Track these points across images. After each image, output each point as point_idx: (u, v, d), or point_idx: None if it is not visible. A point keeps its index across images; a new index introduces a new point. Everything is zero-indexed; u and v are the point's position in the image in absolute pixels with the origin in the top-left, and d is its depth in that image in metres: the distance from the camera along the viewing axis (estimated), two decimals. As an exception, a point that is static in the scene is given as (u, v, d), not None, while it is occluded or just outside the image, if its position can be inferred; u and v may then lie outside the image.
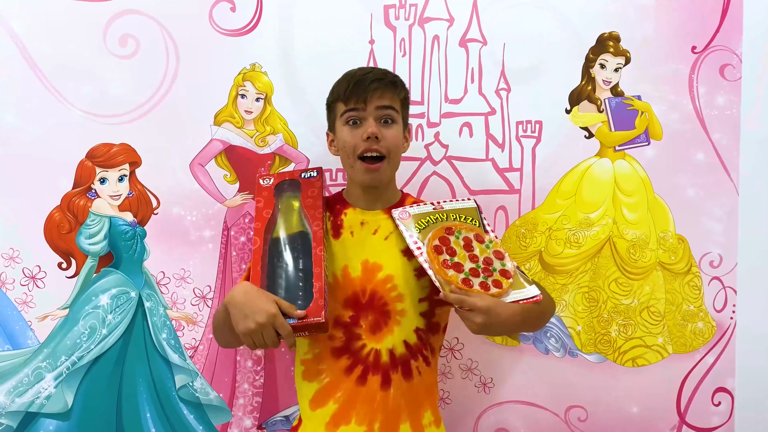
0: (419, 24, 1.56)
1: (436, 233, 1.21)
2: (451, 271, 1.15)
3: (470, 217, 1.26)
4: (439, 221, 1.24)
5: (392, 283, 1.23)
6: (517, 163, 1.59)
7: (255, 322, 1.04)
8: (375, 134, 1.21)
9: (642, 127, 1.59)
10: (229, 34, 1.54)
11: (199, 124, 1.54)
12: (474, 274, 1.16)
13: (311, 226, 1.22)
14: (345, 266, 1.24)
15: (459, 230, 1.22)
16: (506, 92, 1.57)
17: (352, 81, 1.23)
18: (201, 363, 1.57)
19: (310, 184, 1.28)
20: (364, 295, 1.23)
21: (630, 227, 1.60)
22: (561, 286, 1.62)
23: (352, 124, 1.23)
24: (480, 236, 1.23)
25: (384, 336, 1.22)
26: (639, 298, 1.60)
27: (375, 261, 1.25)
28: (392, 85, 1.25)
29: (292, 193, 1.29)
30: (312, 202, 1.26)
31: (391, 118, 1.24)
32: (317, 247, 1.19)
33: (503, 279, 1.17)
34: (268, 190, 1.28)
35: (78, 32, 1.51)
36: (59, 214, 1.52)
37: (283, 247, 1.21)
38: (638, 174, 1.60)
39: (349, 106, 1.23)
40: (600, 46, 1.59)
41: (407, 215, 1.24)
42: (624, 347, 1.61)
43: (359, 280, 1.24)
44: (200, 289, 1.57)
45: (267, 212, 1.24)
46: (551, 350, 1.61)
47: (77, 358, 1.51)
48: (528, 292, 1.17)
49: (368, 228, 1.28)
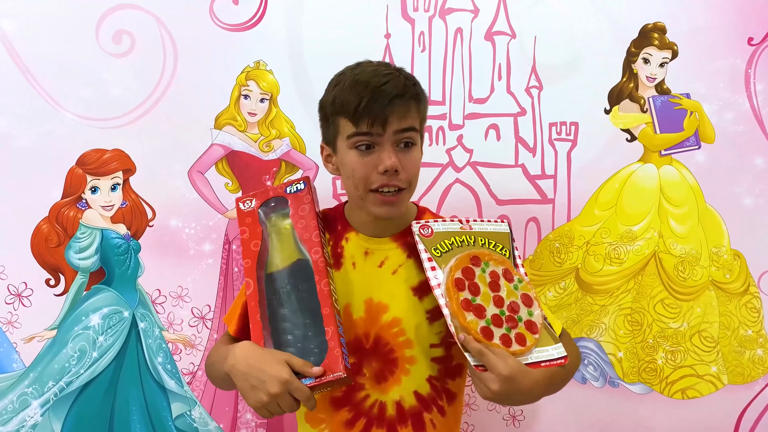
0: (440, 16, 1.49)
1: (461, 262, 1.04)
2: (471, 315, 0.99)
3: (501, 245, 1.09)
4: (465, 245, 1.07)
5: (399, 327, 1.09)
6: (551, 170, 1.52)
7: (267, 394, 0.92)
8: (395, 168, 1.02)
9: (691, 128, 1.52)
10: (231, 29, 1.47)
11: (198, 128, 1.48)
12: (496, 322, 1.00)
13: (310, 253, 1.06)
14: (347, 305, 1.10)
15: (487, 261, 1.05)
16: (538, 90, 1.51)
17: (365, 96, 1.00)
18: (200, 390, 1.51)
19: (299, 200, 1.10)
20: (367, 339, 1.09)
21: (678, 241, 1.53)
22: (600, 308, 1.53)
23: (364, 150, 1.04)
24: (509, 273, 1.06)
25: (390, 387, 1.08)
26: (689, 322, 1.53)
27: (380, 300, 1.09)
28: (416, 100, 1.04)
29: (280, 212, 1.13)
30: (305, 223, 1.09)
31: (412, 141, 1.05)
32: (321, 280, 1.03)
33: (528, 334, 1.01)
34: (251, 216, 1.11)
35: (68, 29, 1.45)
36: (47, 226, 1.46)
37: (281, 284, 1.06)
38: (687, 181, 1.53)
39: (361, 129, 1.02)
40: (643, 38, 1.51)
41: (430, 232, 1.07)
42: (672, 377, 1.53)
43: (362, 322, 1.09)
44: (199, 308, 1.50)
45: (255, 244, 1.08)
46: (589, 379, 1.53)
47: (66, 384, 1.46)
48: (553, 352, 1.02)
49: (373, 259, 1.12)
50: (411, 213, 1.16)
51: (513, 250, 1.10)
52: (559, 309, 1.52)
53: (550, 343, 1.03)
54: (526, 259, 1.52)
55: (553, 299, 1.51)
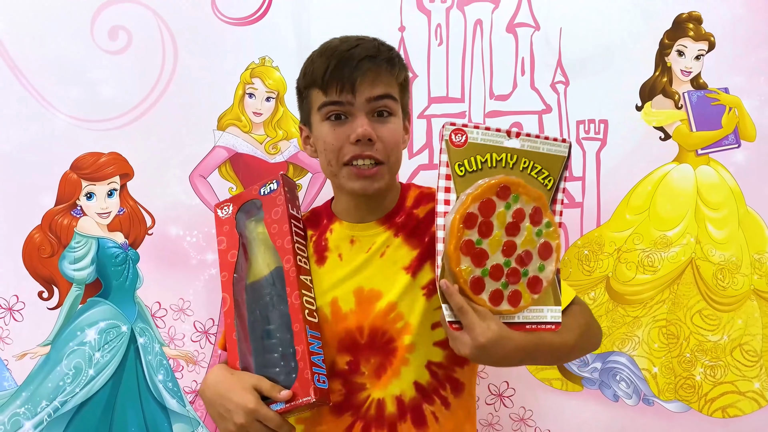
0: (458, 7, 1.45)
1: (484, 191, 0.87)
2: (467, 261, 0.87)
3: (547, 172, 0.93)
4: (500, 167, 0.90)
5: (395, 311, 1.00)
6: (578, 171, 1.47)
7: (234, 424, 0.92)
8: (368, 136, 0.96)
9: (730, 126, 1.47)
10: (234, 23, 1.45)
11: (200, 129, 1.45)
12: (494, 274, 0.88)
13: (282, 261, 1.00)
14: (334, 299, 1.02)
15: (517, 194, 0.90)
16: (564, 86, 1.46)
17: (332, 59, 0.97)
18: (203, 410, 1.46)
19: (272, 202, 1.04)
20: (361, 333, 1.01)
21: (717, 247, 1.47)
22: (633, 319, 1.47)
23: (335, 120, 0.99)
24: (539, 213, 0.92)
25: (389, 380, 1.00)
26: (729, 334, 1.47)
27: (371, 288, 1.02)
28: (388, 64, 0.99)
29: (255, 217, 1.07)
30: (278, 228, 1.02)
31: (389, 110, 1.00)
32: (291, 293, 0.97)
33: (526, 293, 0.91)
34: (228, 223, 1.06)
35: (61, 24, 1.42)
36: (40, 235, 1.44)
37: (263, 295, 1.01)
38: (726, 183, 1.47)
39: (330, 98, 0.98)
40: (677, 28, 1.46)
41: (463, 140, 0.88)
42: (711, 394, 1.47)
43: (353, 315, 1.01)
44: (202, 322, 1.46)
45: (232, 254, 1.03)
46: (621, 397, 1.47)
47: (60, 404, 1.43)
48: (547, 314, 0.92)
49: (360, 246, 1.05)
50: (395, 193, 1.09)
51: (560, 180, 0.95)
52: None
53: (549, 302, 0.93)
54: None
55: None
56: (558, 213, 0.95)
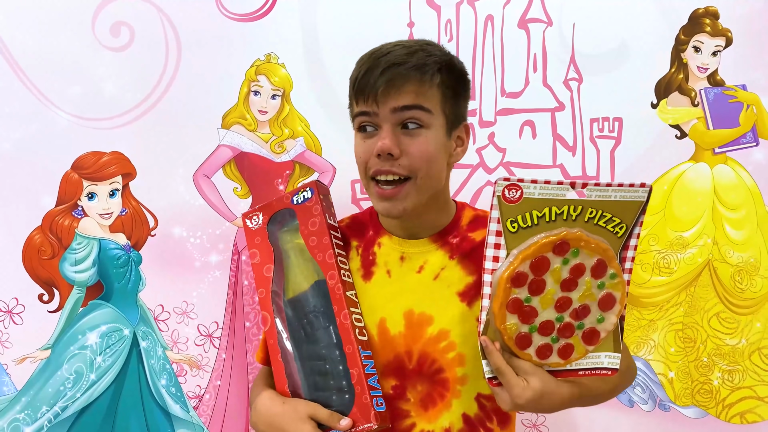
0: (469, 2, 1.43)
1: (538, 249, 0.83)
2: (513, 318, 0.84)
3: (618, 219, 0.85)
4: (560, 220, 0.83)
5: (448, 340, 0.96)
6: (592, 170, 1.45)
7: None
8: (387, 150, 0.91)
9: (748, 123, 1.45)
10: (239, 18, 1.43)
11: (204, 128, 1.44)
12: (544, 330, 0.85)
13: (326, 276, 0.95)
14: (382, 320, 0.98)
15: (577, 249, 0.85)
16: (577, 83, 1.44)
17: (363, 67, 0.93)
18: (207, 415, 1.45)
19: (308, 212, 0.98)
20: (410, 358, 0.97)
21: (735, 249, 1.45)
22: (648, 323, 1.45)
23: (365, 131, 0.95)
24: (603, 265, 0.86)
25: (439, 413, 0.96)
26: (748, 338, 1.45)
27: (422, 311, 0.97)
28: (417, 71, 0.91)
29: (290, 226, 1.01)
30: (317, 241, 0.97)
31: (418, 122, 0.93)
32: (340, 312, 0.92)
33: (580, 345, 0.87)
34: (260, 234, 1.01)
35: (62, 20, 1.41)
36: (40, 236, 1.43)
37: (305, 311, 0.96)
38: (744, 182, 1.45)
39: (360, 108, 0.94)
40: (693, 24, 1.44)
41: (518, 195, 0.82)
42: (730, 399, 1.45)
43: (402, 338, 0.97)
44: (206, 326, 1.44)
45: (268, 269, 0.98)
46: (637, 402, 1.46)
47: (61, 409, 1.42)
48: (604, 359, 0.89)
49: (410, 265, 1.00)
50: (450, 209, 1.04)
51: (635, 226, 0.88)
52: None
53: (608, 349, 0.89)
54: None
55: None
56: (630, 259, 0.89)
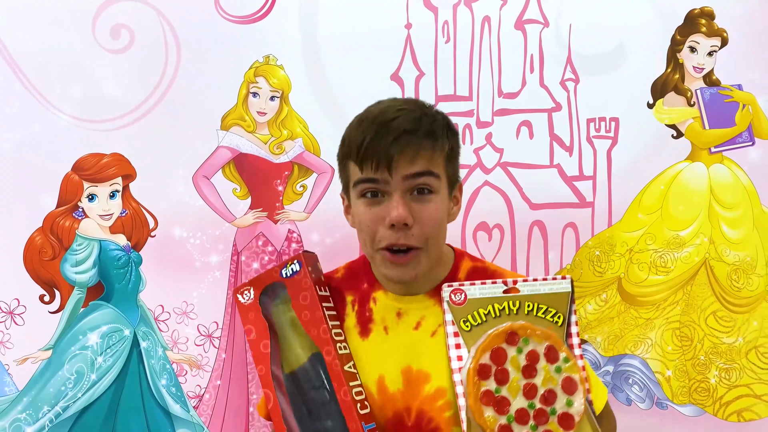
0: (466, 3, 1.45)
1: (492, 341, 0.91)
2: (490, 410, 0.88)
3: (554, 310, 0.96)
4: (504, 315, 0.94)
5: (445, 399, 0.95)
6: (589, 170, 1.46)
7: None
8: (403, 221, 0.90)
9: (744, 123, 1.46)
10: (238, 21, 1.44)
11: (203, 129, 1.45)
12: (520, 419, 0.89)
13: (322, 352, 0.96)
14: (381, 377, 0.98)
15: (527, 337, 0.93)
16: (574, 83, 1.45)
17: (368, 132, 0.90)
18: (207, 415, 1.45)
19: (298, 286, 0.98)
20: (408, 415, 0.96)
21: (731, 248, 1.46)
22: (645, 321, 1.46)
23: (371, 197, 0.93)
24: (554, 351, 0.93)
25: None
26: (744, 336, 1.45)
27: (420, 368, 0.97)
28: (429, 138, 0.91)
29: (282, 299, 1.01)
30: (310, 315, 0.97)
31: (429, 188, 0.92)
32: (340, 388, 0.93)
33: (559, 430, 0.90)
34: (253, 310, 1.00)
35: (62, 22, 1.43)
36: (41, 237, 1.43)
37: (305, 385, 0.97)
38: (740, 181, 1.46)
39: (366, 174, 0.91)
40: (689, 24, 1.45)
41: (462, 298, 0.94)
42: (726, 397, 1.46)
43: (401, 395, 0.96)
44: (206, 326, 1.45)
45: (265, 345, 0.98)
46: (635, 400, 1.46)
47: (62, 409, 1.43)
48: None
49: (407, 321, 1.00)
50: (447, 260, 1.03)
51: (570, 314, 0.97)
52: (600, 323, 1.45)
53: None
54: (563, 268, 1.46)
55: (594, 313, 1.45)
56: (577, 345, 0.95)
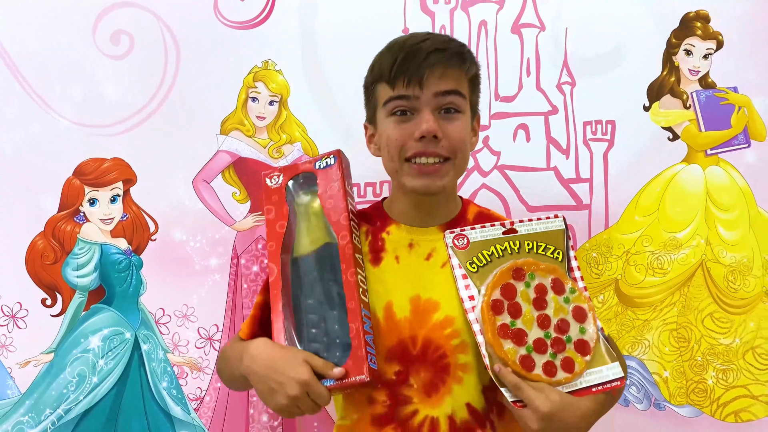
0: (462, 8, 1.44)
1: (500, 278, 0.93)
2: (509, 343, 0.89)
3: (553, 247, 0.98)
4: (507, 255, 0.96)
5: (453, 327, 0.96)
6: (586, 173, 1.45)
7: (286, 397, 0.88)
8: (434, 132, 0.94)
9: (740, 125, 1.45)
10: (237, 26, 1.44)
11: (203, 134, 1.44)
12: (539, 348, 0.90)
13: (338, 237, 0.98)
14: (388, 303, 0.98)
15: (532, 272, 0.94)
16: (570, 87, 1.45)
17: (401, 53, 0.94)
18: (208, 417, 1.45)
19: (329, 177, 1.01)
20: (414, 344, 0.97)
21: (728, 249, 1.45)
22: (643, 323, 1.45)
23: (400, 115, 0.97)
24: (559, 283, 0.95)
25: (442, 398, 0.96)
26: (741, 337, 1.44)
27: (429, 297, 0.98)
28: (459, 58, 0.96)
29: (308, 190, 1.04)
30: (334, 204, 0.99)
31: (456, 107, 0.97)
32: (347, 269, 0.94)
33: (578, 357, 0.91)
34: (277, 193, 1.03)
35: (64, 28, 1.42)
36: (43, 241, 1.43)
37: (307, 271, 0.98)
38: (736, 183, 1.45)
39: (398, 92, 0.95)
40: (684, 27, 1.45)
41: (465, 242, 0.96)
42: (724, 398, 1.45)
43: (408, 322, 0.97)
44: (206, 328, 1.45)
45: (281, 225, 1.01)
46: (632, 401, 1.45)
47: (64, 412, 1.42)
48: (608, 373, 0.92)
49: (419, 251, 1.02)
50: (457, 202, 1.06)
51: (568, 250, 0.98)
52: None
53: (604, 362, 0.92)
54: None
55: None
56: (579, 278, 0.98)
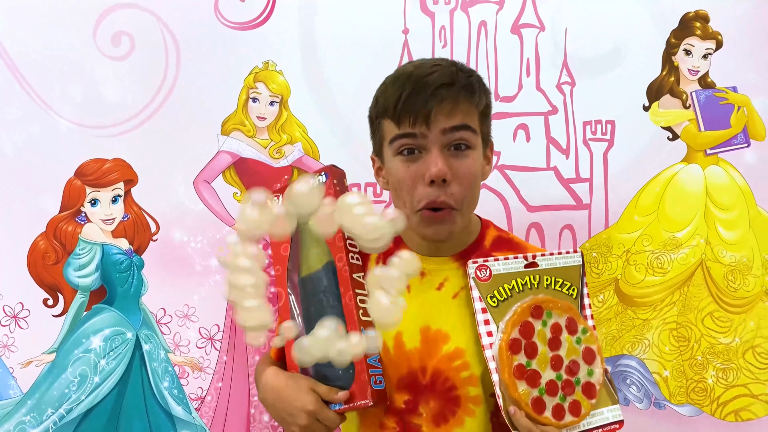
0: (462, 8, 1.44)
1: (520, 316, 0.92)
2: (523, 384, 0.90)
3: (569, 283, 0.97)
4: (527, 289, 0.95)
5: (462, 359, 0.96)
6: (586, 173, 1.45)
7: (298, 426, 0.91)
8: (443, 176, 0.89)
9: (739, 125, 1.45)
10: (238, 27, 1.44)
11: (203, 134, 1.45)
12: (551, 391, 0.91)
13: (334, 259, 0.97)
14: (398, 334, 0.98)
15: (549, 311, 0.94)
16: (570, 87, 1.45)
17: (405, 88, 0.90)
18: (209, 417, 1.45)
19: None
20: (424, 374, 0.96)
21: (727, 248, 1.45)
22: (643, 322, 1.45)
23: (408, 154, 0.92)
24: (573, 323, 0.95)
25: (451, 430, 0.96)
26: (741, 336, 1.45)
27: (439, 328, 0.97)
28: (468, 91, 0.91)
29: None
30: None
31: (467, 143, 0.92)
32: (345, 293, 0.94)
33: (584, 400, 0.92)
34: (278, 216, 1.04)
35: (64, 30, 1.43)
36: (44, 242, 1.43)
37: (317, 290, 0.98)
38: (736, 183, 1.45)
39: (404, 130, 0.91)
40: (684, 28, 1.45)
41: (488, 274, 0.95)
42: (724, 397, 1.45)
43: (417, 353, 0.97)
44: (207, 328, 1.45)
45: (285, 248, 0.99)
46: (632, 401, 1.46)
47: (65, 411, 1.42)
48: (608, 415, 0.94)
49: (431, 281, 1.00)
50: (474, 227, 1.03)
51: (582, 287, 0.99)
52: (598, 324, 1.44)
53: (606, 404, 0.94)
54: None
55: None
56: (590, 317, 0.98)
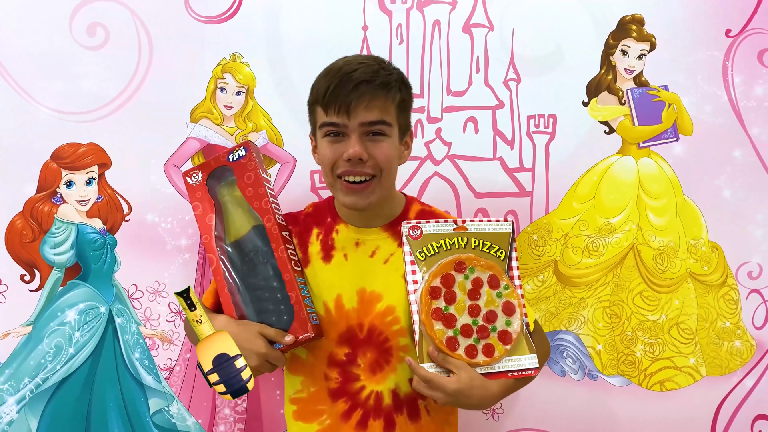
0: (418, 8, 1.47)
1: (443, 268, 1.03)
2: (439, 324, 1.01)
3: (497, 247, 1.07)
4: (455, 248, 1.06)
5: (393, 315, 1.08)
6: (529, 163, 1.50)
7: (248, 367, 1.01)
8: (359, 156, 1.01)
9: (669, 120, 1.50)
10: (207, 21, 1.45)
11: (174, 121, 1.46)
12: (465, 332, 1.02)
13: (263, 220, 1.08)
14: (338, 296, 1.10)
15: (472, 267, 1.05)
16: (516, 83, 1.49)
17: (333, 81, 1.01)
18: (177, 386, 1.49)
19: (243, 168, 1.10)
20: (361, 329, 1.09)
21: (657, 234, 1.51)
22: (579, 300, 1.51)
23: (333, 137, 1.05)
24: (495, 279, 1.05)
25: (386, 376, 1.09)
26: (667, 314, 1.51)
27: (373, 290, 1.09)
28: (383, 88, 1.02)
29: (227, 181, 1.13)
30: (254, 191, 1.09)
31: (382, 132, 1.04)
32: (277, 247, 1.06)
33: (498, 344, 1.03)
34: (200, 189, 1.12)
35: (41, 21, 1.43)
36: (21, 221, 1.45)
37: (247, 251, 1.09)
38: (665, 174, 1.51)
39: (330, 118, 1.03)
40: (621, 30, 1.49)
41: (419, 233, 1.05)
42: (651, 369, 1.51)
43: (355, 312, 1.09)
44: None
45: (210, 218, 1.11)
46: (568, 372, 1.51)
47: (41, 380, 1.44)
48: (525, 362, 1.04)
49: (364, 249, 1.12)
50: (399, 203, 1.16)
51: (511, 251, 1.08)
52: (538, 302, 1.51)
53: (524, 352, 1.03)
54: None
55: (532, 292, 1.50)
56: (517, 278, 1.08)
